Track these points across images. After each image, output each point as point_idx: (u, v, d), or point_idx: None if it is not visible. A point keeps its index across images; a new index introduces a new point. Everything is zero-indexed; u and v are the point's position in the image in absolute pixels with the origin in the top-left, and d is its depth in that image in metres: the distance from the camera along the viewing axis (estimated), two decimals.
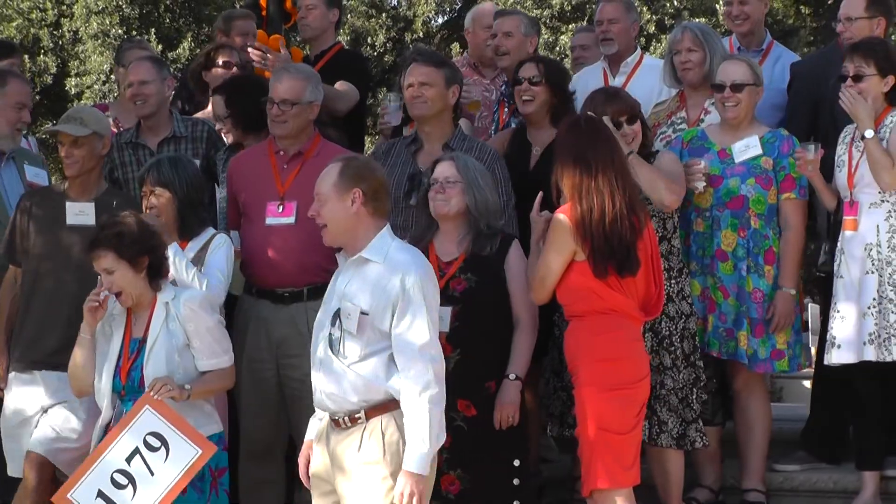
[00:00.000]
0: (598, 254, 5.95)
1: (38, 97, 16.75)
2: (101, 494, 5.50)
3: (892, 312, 6.65)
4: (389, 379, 5.56)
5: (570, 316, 6.23)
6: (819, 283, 7.71)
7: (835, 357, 6.83)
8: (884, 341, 6.64)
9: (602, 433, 6.02)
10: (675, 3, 26.34)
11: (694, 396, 6.79)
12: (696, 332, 6.93)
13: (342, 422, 5.70)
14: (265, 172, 7.12)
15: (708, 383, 7.05)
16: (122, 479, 5.50)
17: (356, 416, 5.67)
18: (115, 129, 8.39)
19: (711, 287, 7.13)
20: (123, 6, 26.64)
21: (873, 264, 6.73)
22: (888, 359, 6.66)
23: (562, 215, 6.06)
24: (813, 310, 13.85)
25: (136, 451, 5.49)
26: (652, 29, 24.91)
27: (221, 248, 6.75)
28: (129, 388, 5.75)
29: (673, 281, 6.79)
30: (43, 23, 27.43)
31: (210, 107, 8.54)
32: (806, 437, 7.77)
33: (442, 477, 6.12)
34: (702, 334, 7.07)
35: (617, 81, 8.49)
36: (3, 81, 7.47)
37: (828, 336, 6.92)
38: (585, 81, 8.21)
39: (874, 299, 6.69)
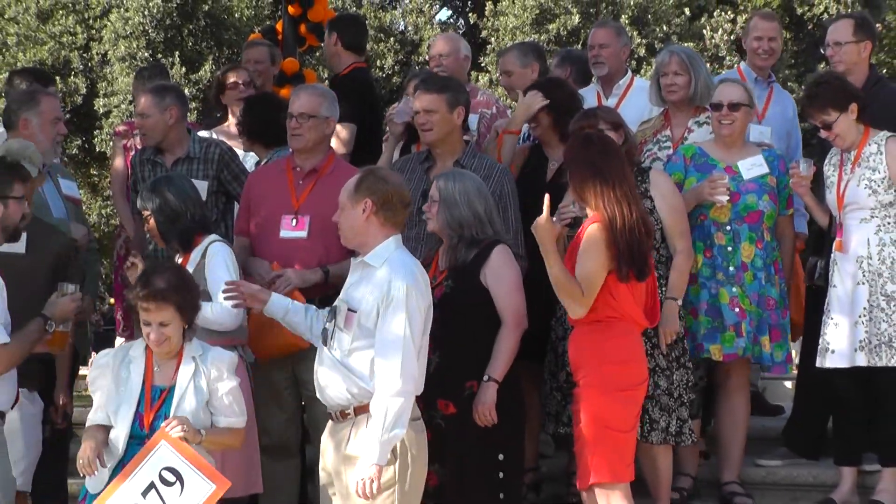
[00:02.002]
0: (623, 259, 5.96)
1: (68, 116, 16.81)
2: None
3: (883, 321, 6.66)
4: (374, 379, 5.65)
5: (579, 321, 6.21)
6: (809, 293, 7.67)
7: (828, 362, 6.85)
8: (874, 347, 6.66)
9: (606, 431, 6.04)
10: (664, 28, 26.34)
11: (686, 397, 6.79)
12: (686, 334, 6.93)
13: (335, 416, 5.86)
14: (282, 187, 7.12)
15: (698, 382, 7.07)
16: (161, 482, 5.42)
17: (346, 412, 5.81)
18: (137, 147, 8.47)
19: (739, 296, 7.13)
20: (149, 31, 26.63)
21: (864, 276, 6.74)
22: (878, 364, 6.67)
23: (594, 225, 6.06)
24: None
25: (152, 485, 5.39)
26: (642, 52, 24.90)
27: (218, 255, 6.72)
28: (151, 436, 5.58)
29: (662, 290, 6.79)
30: (73, 46, 27.42)
31: (228, 124, 8.58)
32: (787, 434, 7.76)
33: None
34: (732, 340, 7.07)
35: (610, 102, 8.51)
36: (37, 101, 7.48)
37: (821, 342, 6.92)
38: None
39: (865, 308, 6.71)
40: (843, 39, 7.56)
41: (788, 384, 15.63)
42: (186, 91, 15.95)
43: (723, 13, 27.60)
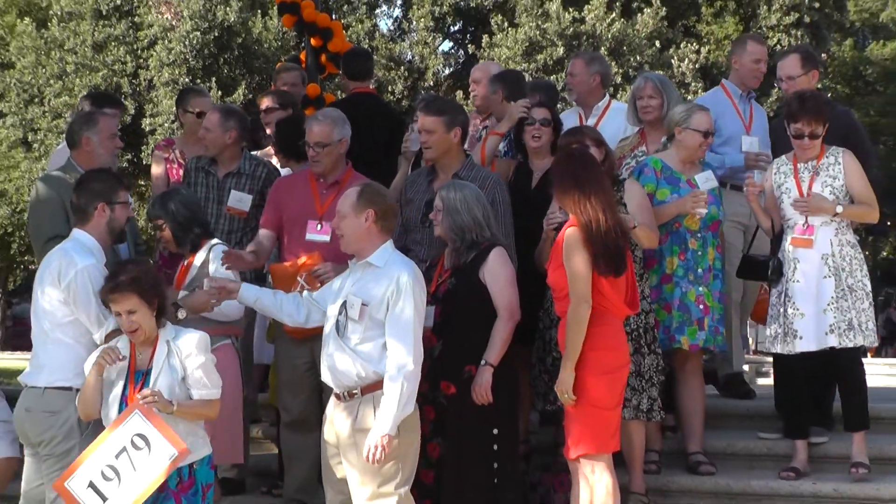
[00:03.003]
0: (601, 257, 5.95)
1: (118, 134, 16.95)
2: (91, 485, 5.40)
3: (849, 309, 6.68)
4: (381, 362, 5.69)
5: (560, 313, 6.19)
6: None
7: (798, 346, 6.81)
8: (843, 331, 6.67)
9: (592, 409, 6.00)
10: (638, 58, 26.34)
11: (655, 378, 6.77)
12: (655, 325, 6.89)
13: (343, 396, 5.84)
14: (307, 195, 7.10)
15: (664, 369, 7.05)
16: (109, 473, 5.39)
17: (353, 391, 5.81)
18: (178, 160, 8.48)
19: (706, 294, 7.15)
20: (189, 59, 26.65)
21: (830, 270, 6.75)
22: (848, 345, 6.70)
23: (571, 229, 6.06)
24: None
25: (124, 449, 5.38)
26: (618, 80, 24.89)
27: (220, 257, 6.71)
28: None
29: (641, 282, 6.76)
30: (123, 73, 27.44)
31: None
32: (781, 409, 7.69)
33: (427, 443, 6.15)
34: (695, 333, 7.09)
35: (589, 122, 8.51)
36: (95, 121, 7.46)
37: (785, 330, 6.87)
38: (565, 121, 8.18)
39: (833, 297, 6.71)
40: (794, 74, 7.53)
41: (746, 367, 15.73)
42: None
43: (688, 45, 27.62)
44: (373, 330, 5.76)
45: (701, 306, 7.12)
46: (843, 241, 6.79)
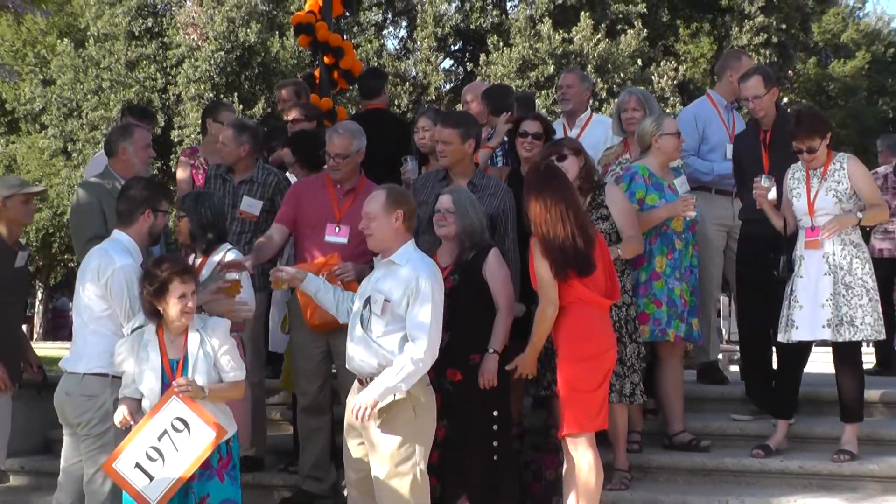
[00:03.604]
0: (558, 264, 5.95)
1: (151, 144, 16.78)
2: (138, 465, 5.41)
3: (844, 305, 6.63)
4: (402, 353, 5.66)
5: None
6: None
7: (794, 336, 6.78)
8: (837, 326, 6.62)
9: (573, 392, 5.99)
10: (621, 74, 26.35)
11: (637, 365, 6.77)
12: (637, 316, 6.89)
13: (366, 381, 5.79)
14: (325, 199, 7.08)
15: (646, 356, 7.05)
16: (153, 454, 5.41)
17: (373, 377, 5.76)
18: (203, 166, 8.53)
19: (685, 290, 7.17)
20: (214, 76, 26.67)
21: (829, 268, 6.69)
22: (840, 339, 6.64)
23: (533, 239, 6.07)
24: (724, 300, 13.77)
25: (165, 432, 5.40)
26: (603, 95, 24.90)
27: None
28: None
29: (624, 275, 6.77)
30: (154, 89, 27.45)
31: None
32: (751, 394, 7.66)
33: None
34: (678, 325, 7.11)
35: (572, 133, 8.55)
36: (130, 133, 7.48)
37: (787, 321, 6.83)
38: None
39: (831, 294, 6.66)
40: (759, 94, 7.48)
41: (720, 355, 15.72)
42: None
43: (667, 63, 27.62)
44: (393, 324, 5.73)
45: (682, 301, 7.14)
46: (847, 241, 6.71)
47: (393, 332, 5.72)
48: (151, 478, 5.40)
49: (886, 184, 10.08)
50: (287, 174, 8.14)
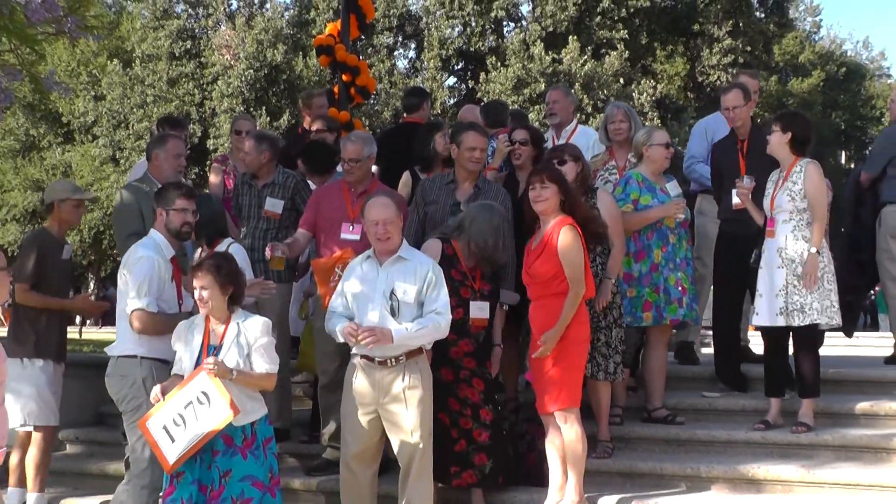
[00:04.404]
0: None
1: (188, 152, 16.90)
2: (164, 428, 5.39)
3: (795, 294, 6.58)
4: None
5: (541, 296, 6.16)
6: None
7: (754, 321, 6.78)
8: (790, 313, 6.58)
9: (570, 371, 5.99)
10: (605, 91, 26.34)
11: (619, 347, 6.75)
12: (622, 304, 6.87)
13: (389, 362, 5.77)
14: (340, 203, 7.06)
15: (637, 342, 7.11)
16: (178, 420, 5.37)
17: (399, 358, 5.78)
18: (233, 172, 8.53)
19: (683, 279, 7.13)
20: (244, 92, 26.71)
21: (783, 261, 6.65)
22: (793, 324, 6.57)
23: (566, 227, 6.02)
24: None
25: (191, 402, 5.35)
26: (589, 109, 24.89)
27: (238, 255, 6.62)
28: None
29: (604, 270, 6.70)
30: (192, 103, 27.51)
31: None
32: (720, 374, 7.64)
33: (480, 409, 6.23)
34: (676, 309, 7.06)
35: (560, 142, 8.49)
36: (165, 142, 7.48)
37: (753, 307, 6.85)
38: None
39: (783, 285, 6.62)
40: (738, 104, 7.47)
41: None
42: None
43: (646, 81, 27.60)
44: (416, 310, 5.78)
45: (679, 288, 7.09)
46: (800, 236, 6.62)
47: (415, 317, 5.79)
48: (173, 440, 5.39)
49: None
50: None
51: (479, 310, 6.28)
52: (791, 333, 6.73)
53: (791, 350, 6.83)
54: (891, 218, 8.03)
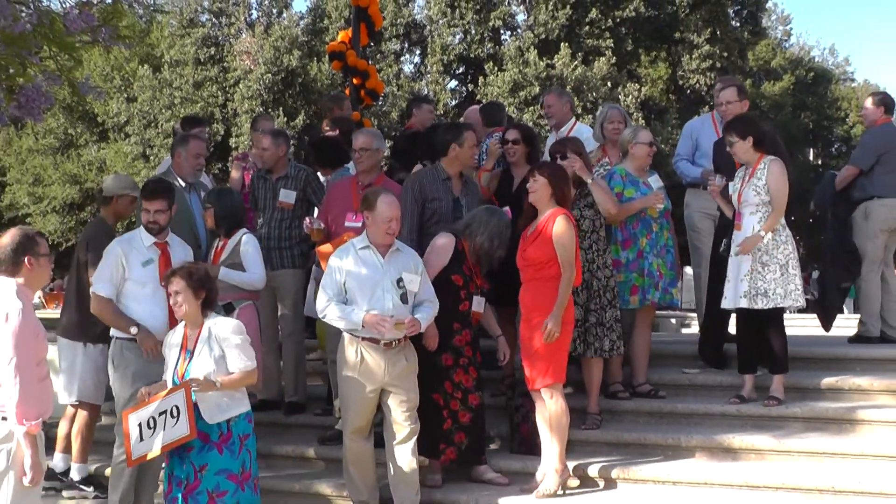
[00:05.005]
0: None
1: (211, 149, 16.83)
2: (139, 425, 5.29)
3: (759, 279, 6.56)
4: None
5: (532, 279, 6.15)
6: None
7: (723, 304, 6.79)
8: (753, 297, 6.57)
9: (558, 351, 6.00)
10: (594, 94, 26.29)
11: (614, 326, 6.74)
12: (616, 286, 6.87)
13: (394, 343, 5.78)
14: (347, 196, 7.09)
15: (632, 321, 7.16)
16: (151, 423, 5.25)
17: (400, 341, 5.82)
18: (251, 168, 8.52)
19: (661, 265, 7.15)
20: (263, 94, 26.67)
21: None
22: (756, 307, 6.57)
23: (561, 216, 6.04)
24: (687, 270, 13.55)
25: (165, 412, 5.23)
26: (580, 111, 24.82)
27: (250, 243, 6.75)
28: (181, 383, 5.36)
29: (600, 257, 6.74)
30: (215, 104, 27.47)
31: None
32: (702, 352, 7.64)
33: (469, 395, 6.27)
34: (654, 292, 7.11)
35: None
36: (187, 141, 7.51)
37: (723, 291, 6.83)
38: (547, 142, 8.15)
39: (748, 271, 6.60)
40: (732, 100, 7.47)
41: (673, 320, 15.63)
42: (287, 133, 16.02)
43: (632, 85, 27.54)
44: (414, 298, 5.88)
45: (659, 273, 7.12)
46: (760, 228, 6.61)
47: (414, 304, 5.88)
48: (142, 439, 5.31)
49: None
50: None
51: (478, 304, 6.30)
52: (764, 316, 6.72)
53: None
54: (881, 212, 8.07)
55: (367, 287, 5.80)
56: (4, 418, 4.63)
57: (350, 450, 6.03)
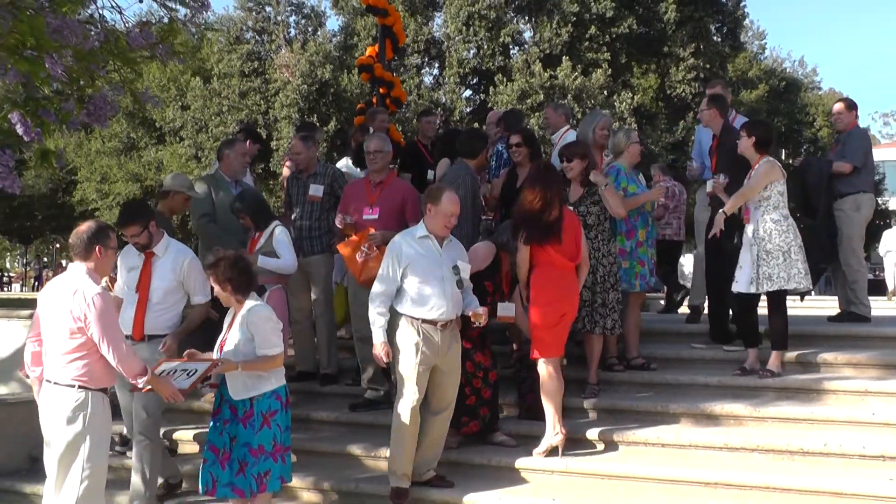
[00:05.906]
0: (525, 235, 6.04)
1: (257, 151, 17.00)
2: (164, 370, 5.02)
3: (764, 266, 6.48)
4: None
5: (540, 264, 6.09)
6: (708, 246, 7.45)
7: (734, 287, 6.68)
8: (760, 281, 6.49)
9: (539, 329, 6.00)
10: (593, 101, 26.17)
11: (616, 307, 6.73)
12: (619, 272, 6.85)
13: (448, 323, 5.73)
14: (362, 192, 7.06)
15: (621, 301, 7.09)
16: (172, 372, 5.05)
17: (452, 321, 5.77)
18: (289, 170, 8.42)
19: (653, 254, 7.22)
20: (300, 102, 26.66)
21: (755, 240, 6.56)
22: (762, 290, 6.50)
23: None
24: (688, 258, 13.47)
25: (187, 370, 5.09)
26: (580, 116, 24.68)
27: (283, 234, 6.76)
28: (221, 356, 5.24)
29: (605, 246, 6.72)
30: (258, 112, 27.48)
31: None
32: (712, 331, 7.53)
33: (490, 372, 6.33)
34: (647, 277, 7.13)
35: (556, 144, 8.41)
36: (233, 144, 7.59)
37: (735, 276, 6.71)
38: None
39: (755, 258, 6.52)
40: (702, 108, 7.39)
41: (662, 302, 15.50)
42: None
43: (626, 93, 27.41)
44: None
45: (653, 261, 7.20)
46: (767, 218, 6.51)
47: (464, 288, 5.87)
48: (175, 378, 5.14)
49: (668, 193, 9.60)
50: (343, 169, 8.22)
51: (505, 309, 6.21)
52: (767, 297, 6.63)
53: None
54: (870, 204, 8.03)
55: (426, 272, 5.65)
56: (82, 387, 4.67)
57: (411, 421, 5.65)
